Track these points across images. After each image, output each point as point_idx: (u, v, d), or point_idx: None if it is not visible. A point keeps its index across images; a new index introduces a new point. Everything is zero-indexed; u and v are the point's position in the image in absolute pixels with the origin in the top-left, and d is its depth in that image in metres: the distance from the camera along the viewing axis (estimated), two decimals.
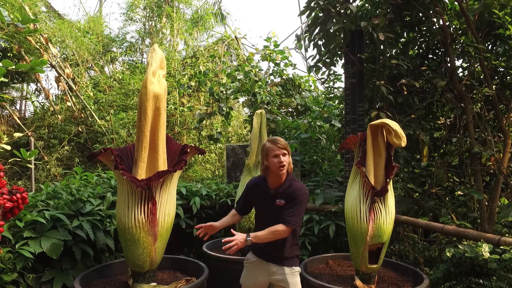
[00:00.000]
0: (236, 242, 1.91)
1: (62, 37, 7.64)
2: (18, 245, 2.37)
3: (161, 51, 2.45)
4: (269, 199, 2.15)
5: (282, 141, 2.10)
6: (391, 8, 3.46)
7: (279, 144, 2.08)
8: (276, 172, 2.10)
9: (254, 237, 1.99)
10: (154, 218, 2.25)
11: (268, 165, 2.10)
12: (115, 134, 7.13)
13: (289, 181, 2.14)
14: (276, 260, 2.13)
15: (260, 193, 2.20)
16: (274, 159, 2.07)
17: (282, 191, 2.12)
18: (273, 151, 2.07)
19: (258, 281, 2.18)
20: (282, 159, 2.06)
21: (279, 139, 2.11)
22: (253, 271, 2.21)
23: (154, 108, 2.30)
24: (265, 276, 2.16)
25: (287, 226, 2.02)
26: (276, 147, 2.07)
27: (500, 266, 2.26)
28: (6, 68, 2.34)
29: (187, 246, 3.92)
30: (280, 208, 2.09)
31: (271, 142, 2.11)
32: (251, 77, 5.18)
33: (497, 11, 3.41)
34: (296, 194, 2.08)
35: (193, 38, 10.00)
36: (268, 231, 2.02)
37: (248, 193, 2.29)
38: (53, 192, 3.10)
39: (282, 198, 2.10)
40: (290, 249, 2.13)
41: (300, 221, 2.10)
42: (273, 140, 2.12)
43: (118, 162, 2.22)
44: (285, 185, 2.13)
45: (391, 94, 3.47)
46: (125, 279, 2.57)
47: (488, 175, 3.78)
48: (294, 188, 2.11)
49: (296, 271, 2.14)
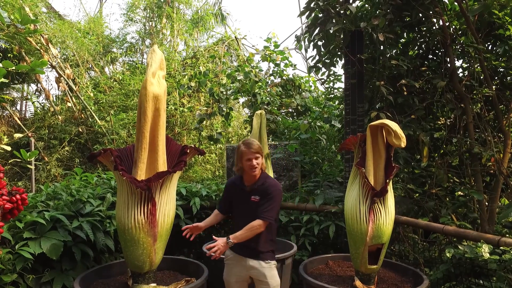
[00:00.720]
0: (218, 247, 2.09)
1: (62, 37, 7.65)
2: (18, 246, 2.37)
3: (161, 52, 2.45)
4: (245, 195, 2.32)
5: (255, 145, 2.27)
6: (390, 8, 3.46)
7: (252, 148, 2.25)
8: (249, 172, 2.29)
9: (234, 238, 2.17)
10: (153, 218, 2.25)
11: (242, 167, 2.30)
12: (115, 135, 7.13)
13: (263, 179, 2.32)
14: (253, 255, 2.28)
15: (237, 191, 2.38)
16: (247, 162, 2.25)
17: (257, 187, 2.30)
18: (247, 155, 2.25)
19: (239, 276, 2.34)
20: (254, 162, 2.25)
21: (252, 143, 2.27)
22: (233, 267, 2.36)
23: (153, 109, 2.30)
24: (244, 270, 2.31)
25: (262, 221, 2.20)
26: (249, 151, 2.25)
27: (500, 267, 2.26)
28: (7, 69, 2.34)
29: (187, 246, 3.92)
30: (255, 204, 2.26)
31: (245, 146, 2.27)
32: (251, 77, 5.18)
33: (497, 11, 3.41)
34: (269, 190, 2.26)
35: (193, 39, 10.00)
36: (245, 229, 2.19)
37: (227, 191, 2.46)
38: (53, 193, 3.10)
39: (256, 195, 2.28)
40: (265, 244, 2.28)
41: (275, 215, 2.27)
42: (247, 144, 2.28)
43: (118, 162, 2.22)
44: (259, 182, 2.31)
45: (391, 95, 3.46)
46: (125, 279, 2.57)
47: (488, 176, 3.78)
48: (267, 185, 2.29)
49: (272, 264, 2.31)
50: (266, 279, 2.25)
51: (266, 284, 2.26)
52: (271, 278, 2.27)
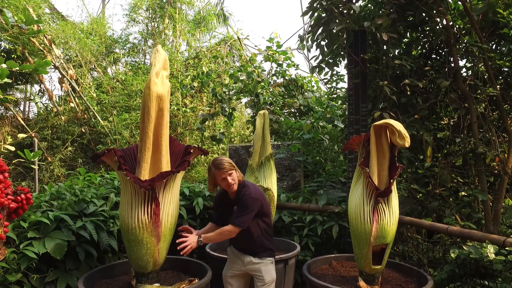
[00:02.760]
0: (189, 243, 2.19)
1: (65, 38, 7.68)
2: (22, 246, 2.38)
3: (164, 52, 2.45)
4: (231, 206, 2.43)
5: (225, 163, 2.30)
6: (394, 8, 3.45)
7: (223, 169, 2.29)
8: (227, 190, 2.39)
9: (205, 238, 2.28)
10: (157, 218, 2.25)
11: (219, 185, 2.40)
12: (118, 135, 7.15)
13: (240, 189, 2.38)
14: (250, 252, 2.42)
15: (225, 203, 2.48)
16: (223, 182, 2.32)
17: (236, 199, 2.39)
18: (220, 176, 2.30)
19: (236, 270, 2.48)
20: (230, 179, 2.31)
21: (222, 163, 2.29)
22: (232, 262, 2.51)
23: (157, 108, 2.30)
24: (242, 266, 2.45)
25: (233, 226, 2.28)
26: (221, 172, 2.29)
27: (505, 268, 2.24)
28: (10, 69, 2.35)
29: None
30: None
31: (215, 167, 2.30)
32: (253, 77, 5.18)
33: (501, 10, 3.39)
34: (243, 199, 2.32)
35: (195, 39, 10.01)
36: (216, 233, 2.30)
37: (217, 203, 2.56)
38: (56, 193, 3.11)
39: (236, 204, 2.37)
40: (261, 244, 2.41)
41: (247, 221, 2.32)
42: (216, 164, 2.30)
43: (121, 162, 2.22)
44: (238, 195, 2.38)
45: (395, 95, 3.45)
46: (129, 279, 2.57)
47: (492, 176, 3.75)
48: (242, 194, 2.37)
49: (268, 261, 2.43)
50: (261, 274, 2.39)
51: (261, 278, 2.40)
52: (266, 273, 2.40)
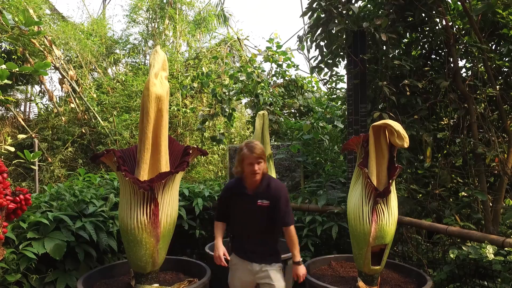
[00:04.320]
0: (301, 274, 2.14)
1: (66, 39, 7.68)
2: (22, 246, 2.38)
3: (164, 52, 2.46)
4: (249, 200, 2.16)
5: (258, 149, 2.11)
6: (393, 8, 3.45)
7: (254, 153, 2.09)
8: (250, 177, 2.15)
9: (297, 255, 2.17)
10: (156, 219, 2.25)
11: (243, 170, 2.16)
12: (118, 136, 7.15)
13: (266, 181, 2.17)
14: (259, 259, 2.19)
15: (238, 196, 2.21)
16: (249, 167, 2.11)
17: (262, 191, 2.15)
18: (248, 159, 2.10)
19: (244, 281, 2.26)
20: (256, 167, 2.10)
21: (255, 147, 2.10)
22: (238, 272, 2.27)
23: (156, 109, 2.30)
24: (250, 276, 2.22)
25: (292, 226, 2.17)
26: (251, 156, 2.09)
27: (505, 268, 2.24)
28: (10, 70, 2.36)
29: (190, 247, 3.92)
30: (263, 209, 2.14)
31: (248, 149, 2.11)
32: (253, 78, 5.18)
33: (500, 10, 3.39)
34: (280, 193, 2.15)
35: (195, 40, 10.01)
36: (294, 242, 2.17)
37: (226, 197, 2.29)
38: (56, 194, 3.11)
39: (264, 199, 2.14)
40: (273, 247, 2.26)
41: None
42: (250, 147, 2.11)
43: (120, 163, 2.22)
44: (263, 185, 2.16)
45: (394, 95, 3.45)
46: (128, 280, 2.58)
47: (492, 176, 3.75)
48: (274, 187, 2.16)
49: (278, 267, 2.25)
50: (272, 282, 2.18)
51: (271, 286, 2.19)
52: (277, 280, 2.20)
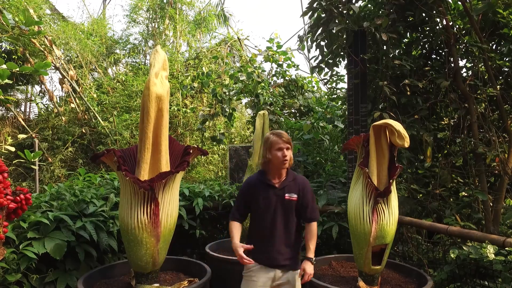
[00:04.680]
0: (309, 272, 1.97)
1: (66, 39, 7.69)
2: (22, 246, 2.38)
3: (164, 52, 2.45)
4: (276, 194, 2.07)
5: (286, 135, 2.08)
6: (394, 8, 3.45)
7: (283, 137, 2.05)
8: (278, 166, 2.06)
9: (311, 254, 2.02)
10: (156, 219, 2.25)
11: (271, 159, 2.06)
12: (119, 136, 7.15)
13: (291, 175, 2.12)
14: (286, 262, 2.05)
15: (262, 190, 2.09)
16: (278, 152, 2.03)
17: (289, 184, 2.08)
18: (278, 144, 2.03)
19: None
20: (286, 153, 2.03)
21: (283, 133, 2.08)
22: (254, 280, 2.07)
23: (156, 109, 2.30)
24: (269, 282, 2.06)
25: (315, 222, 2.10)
26: (280, 140, 2.04)
27: (505, 268, 2.24)
28: (11, 70, 2.35)
29: (190, 247, 3.92)
30: (291, 203, 2.06)
31: (275, 135, 2.07)
32: (254, 78, 5.18)
33: (501, 10, 3.39)
34: (307, 187, 2.10)
35: (196, 40, 10.02)
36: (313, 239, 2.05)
37: (247, 193, 2.15)
38: (56, 193, 3.11)
39: (292, 192, 2.07)
40: (296, 249, 2.12)
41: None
42: (277, 133, 2.08)
43: (121, 163, 2.22)
44: (289, 178, 2.10)
45: (394, 95, 3.45)
46: (128, 280, 2.57)
47: (492, 176, 3.74)
48: (301, 180, 2.11)
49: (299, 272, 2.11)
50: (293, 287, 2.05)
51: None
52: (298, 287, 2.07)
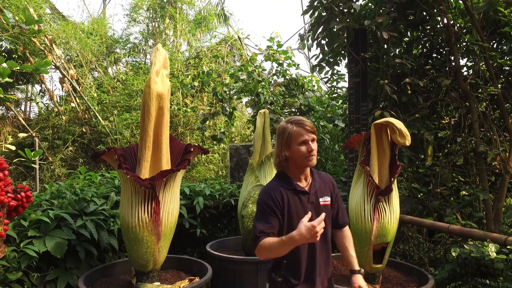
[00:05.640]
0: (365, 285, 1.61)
1: (66, 38, 7.68)
2: (23, 244, 2.38)
3: (165, 51, 2.45)
4: (309, 202, 1.56)
5: (309, 122, 1.55)
6: (394, 7, 3.45)
7: (306, 125, 1.52)
8: (302, 164, 1.54)
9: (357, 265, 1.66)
10: (157, 217, 2.25)
11: (291, 156, 1.54)
12: (119, 135, 7.15)
13: (316, 172, 1.67)
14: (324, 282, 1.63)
15: (293, 201, 1.55)
16: (302, 146, 1.51)
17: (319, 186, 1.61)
18: (300, 136, 1.51)
19: None
20: (312, 145, 1.52)
21: (304, 120, 1.55)
22: None
23: (157, 107, 2.30)
24: None
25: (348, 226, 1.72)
26: (303, 130, 1.51)
27: (507, 266, 2.23)
28: (11, 69, 2.35)
29: (191, 246, 3.92)
30: (327, 209, 1.59)
31: (295, 123, 1.53)
32: (254, 77, 5.18)
33: (502, 9, 3.38)
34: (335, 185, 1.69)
35: (196, 39, 10.02)
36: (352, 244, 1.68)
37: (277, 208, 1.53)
38: (57, 192, 3.11)
39: (325, 195, 1.61)
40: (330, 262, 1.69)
41: None
42: (297, 121, 1.54)
43: (121, 161, 2.22)
44: (316, 178, 1.63)
45: (395, 93, 3.45)
46: (129, 278, 2.57)
47: (493, 175, 3.74)
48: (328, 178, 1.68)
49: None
50: None
51: None
52: None
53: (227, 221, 4.16)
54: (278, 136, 1.58)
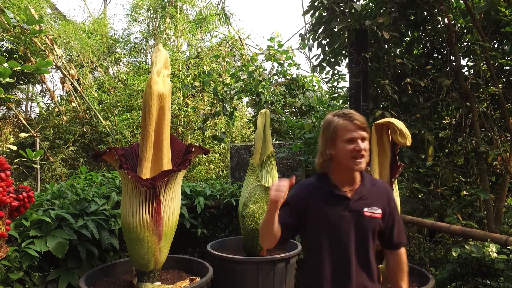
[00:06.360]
0: None
1: (67, 38, 7.70)
2: (24, 244, 2.38)
3: (165, 51, 2.45)
4: (348, 210, 1.35)
5: (360, 117, 1.34)
6: (395, 7, 3.45)
7: (355, 120, 1.32)
8: (347, 166, 1.33)
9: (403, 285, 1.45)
10: (158, 217, 2.25)
11: (336, 156, 1.34)
12: (120, 135, 7.16)
13: (369, 179, 1.42)
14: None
15: (326, 205, 1.36)
16: (348, 145, 1.31)
17: (368, 193, 1.37)
18: (347, 132, 1.31)
19: None
20: (362, 145, 1.30)
21: (354, 113, 1.34)
22: None
23: (158, 107, 2.30)
24: None
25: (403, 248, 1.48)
26: (352, 125, 1.31)
27: (507, 267, 2.24)
28: (12, 68, 2.36)
29: (192, 246, 3.93)
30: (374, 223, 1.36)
31: (343, 117, 1.33)
32: (255, 77, 5.18)
33: (503, 9, 3.38)
34: (392, 196, 1.43)
35: (196, 39, 10.02)
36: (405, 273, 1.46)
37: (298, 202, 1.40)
38: (58, 192, 3.11)
39: (375, 206, 1.36)
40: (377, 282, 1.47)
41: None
42: (345, 114, 1.34)
43: (122, 161, 2.22)
44: (367, 184, 1.39)
45: (396, 93, 3.45)
46: (130, 278, 2.58)
47: (494, 175, 3.74)
48: (384, 187, 1.43)
49: None
50: None
51: None
52: None
53: (228, 221, 4.16)
54: (323, 132, 1.38)
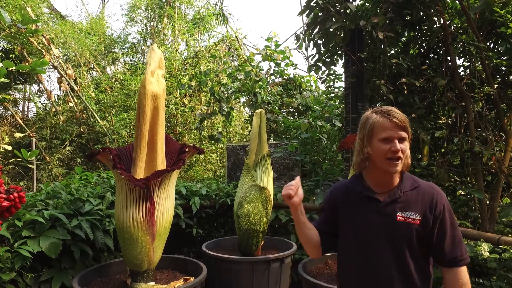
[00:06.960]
0: None
1: (64, 38, 7.68)
2: (17, 245, 2.37)
3: (160, 51, 2.45)
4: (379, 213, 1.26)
5: (400, 114, 1.24)
6: (391, 7, 3.45)
7: (394, 117, 1.22)
8: (381, 167, 1.25)
9: None
10: (152, 217, 2.25)
11: (371, 154, 1.26)
12: (117, 135, 7.15)
13: (410, 180, 1.30)
14: None
15: (357, 204, 1.31)
16: (383, 144, 1.22)
17: (405, 196, 1.26)
18: (384, 131, 1.22)
19: None
20: (398, 146, 1.21)
21: (394, 110, 1.25)
22: None
23: (152, 107, 2.30)
24: None
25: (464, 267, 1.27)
26: (389, 123, 1.22)
27: (500, 266, 2.24)
28: (7, 68, 2.35)
29: (187, 246, 3.92)
30: (409, 230, 1.23)
31: (381, 114, 1.24)
32: (252, 77, 5.18)
33: (498, 9, 3.39)
34: (442, 201, 1.25)
35: (194, 39, 10.01)
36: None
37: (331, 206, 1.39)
38: (52, 192, 3.11)
39: (411, 211, 1.24)
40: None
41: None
42: (384, 111, 1.24)
43: (116, 161, 2.22)
44: (406, 187, 1.28)
45: (392, 93, 3.45)
46: (124, 278, 2.58)
47: (489, 175, 3.75)
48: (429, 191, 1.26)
49: None
50: None
51: None
52: None
53: (224, 221, 4.16)
54: (360, 128, 1.29)
